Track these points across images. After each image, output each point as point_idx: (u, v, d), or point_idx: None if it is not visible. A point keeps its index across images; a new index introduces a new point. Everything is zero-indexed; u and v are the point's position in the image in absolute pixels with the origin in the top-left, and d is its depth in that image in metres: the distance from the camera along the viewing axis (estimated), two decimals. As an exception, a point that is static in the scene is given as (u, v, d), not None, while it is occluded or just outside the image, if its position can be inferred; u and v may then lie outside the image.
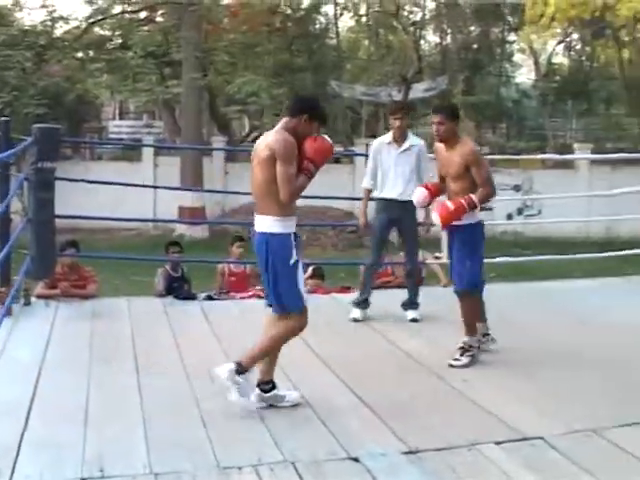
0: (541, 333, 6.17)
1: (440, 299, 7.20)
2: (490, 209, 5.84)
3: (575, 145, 25.45)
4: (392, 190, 6.62)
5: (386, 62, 24.32)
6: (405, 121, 6.63)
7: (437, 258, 8.72)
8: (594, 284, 8.69)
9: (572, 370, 5.33)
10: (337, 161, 23.19)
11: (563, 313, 6.98)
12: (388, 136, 6.70)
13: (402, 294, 6.99)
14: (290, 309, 4.47)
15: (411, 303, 6.88)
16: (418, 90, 27.14)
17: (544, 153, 32.57)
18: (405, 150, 6.61)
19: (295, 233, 4.41)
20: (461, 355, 5.39)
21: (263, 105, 22.91)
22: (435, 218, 5.36)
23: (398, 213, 6.63)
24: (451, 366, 5.29)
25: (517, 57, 39.67)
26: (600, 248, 12.00)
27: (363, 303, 6.81)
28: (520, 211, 21.18)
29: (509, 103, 37.29)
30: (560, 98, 35.36)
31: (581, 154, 22.64)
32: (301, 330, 4.57)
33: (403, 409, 4.58)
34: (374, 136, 25.46)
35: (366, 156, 7.12)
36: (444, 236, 8.33)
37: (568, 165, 22.81)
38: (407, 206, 6.42)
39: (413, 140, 6.70)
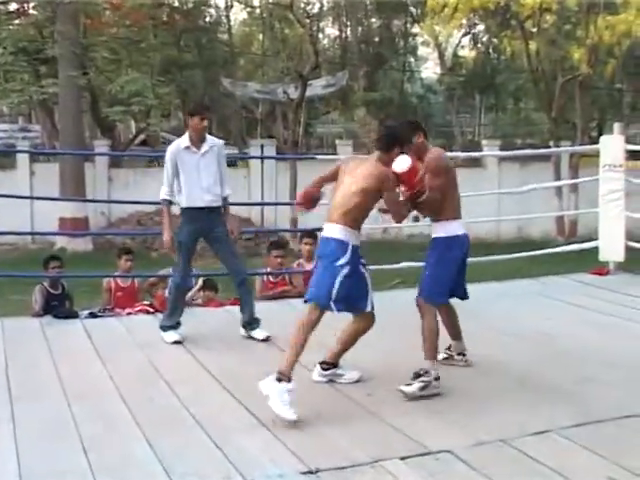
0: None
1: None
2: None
3: (483, 142, 26.09)
4: (199, 198, 6.39)
5: (282, 58, 24.37)
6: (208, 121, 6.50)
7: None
8: (505, 287, 8.92)
9: (482, 381, 5.46)
10: (231, 165, 23.16)
11: (473, 320, 7.08)
12: (185, 139, 6.44)
13: (300, 305, 6.97)
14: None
15: (253, 321, 6.67)
16: (316, 87, 27.32)
17: (451, 151, 33.17)
18: (206, 152, 6.42)
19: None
20: (413, 379, 5.12)
21: (149, 105, 22.64)
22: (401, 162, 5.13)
23: (207, 223, 6.45)
24: (401, 391, 5.08)
25: (422, 50, 40.43)
26: (511, 249, 12.31)
27: (177, 325, 6.55)
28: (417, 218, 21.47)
29: (414, 99, 37.85)
30: (467, 93, 36.22)
31: (489, 151, 23.22)
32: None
33: (303, 427, 4.59)
34: (271, 136, 25.65)
35: (262, 158, 7.06)
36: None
37: (476, 163, 23.35)
38: (216, 214, 6.44)
39: (211, 140, 6.53)
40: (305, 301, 5.20)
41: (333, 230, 5.11)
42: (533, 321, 7.15)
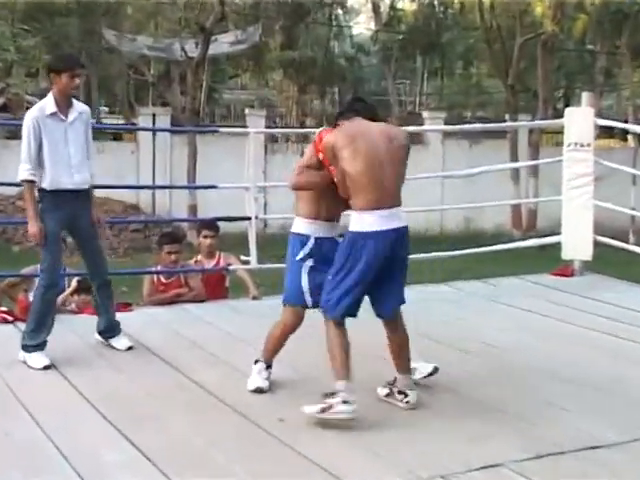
0: (380, 356, 6.29)
1: (250, 314, 7.26)
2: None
3: (425, 114, 26.30)
4: (67, 179, 6.23)
5: (179, 6, 24.15)
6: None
7: (245, 263, 8.77)
8: (447, 290, 9.00)
9: (417, 406, 5.46)
10: (116, 138, 22.92)
11: (408, 328, 7.15)
12: (50, 103, 6.19)
13: (197, 310, 6.97)
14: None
15: (113, 327, 6.68)
16: (222, 43, 27.20)
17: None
18: (75, 120, 6.27)
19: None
20: (324, 398, 5.12)
21: (9, 61, 22.21)
22: None
23: (73, 210, 6.33)
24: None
25: (352, 1, 40.42)
26: (457, 244, 12.43)
27: (43, 344, 6.29)
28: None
29: (342, 61, 37.89)
30: (407, 54, 36.29)
31: (432, 125, 23.40)
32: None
33: (196, 459, 4.57)
34: (165, 104, 25.47)
35: (154, 131, 6.96)
36: (252, 234, 8.46)
37: (416, 139, 23.52)
38: (84, 198, 6.36)
39: (79, 106, 6.36)
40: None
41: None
42: (480, 331, 7.24)
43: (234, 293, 9.12)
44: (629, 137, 27.79)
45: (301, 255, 5.62)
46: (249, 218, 8.60)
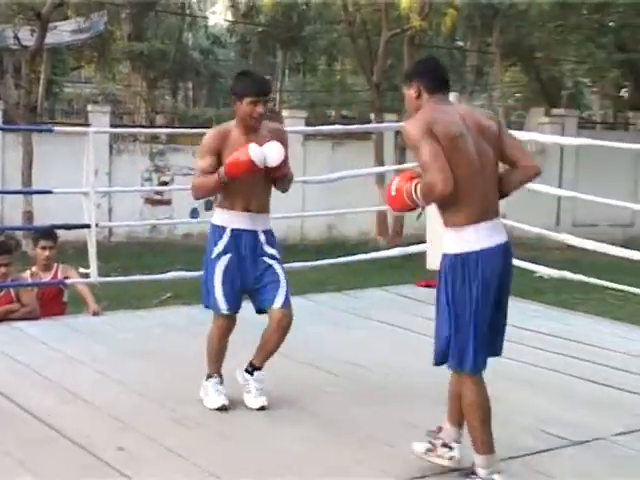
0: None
1: (89, 333, 7.13)
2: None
3: (285, 112, 26.32)
4: None
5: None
6: None
7: (84, 276, 8.61)
8: (305, 303, 8.95)
9: (273, 433, 5.42)
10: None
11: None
12: None
13: (30, 329, 6.79)
14: None
15: None
16: (63, 32, 26.79)
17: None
18: None
19: None
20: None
21: None
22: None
23: None
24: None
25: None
26: (319, 253, 12.48)
27: None
28: (210, 205, 21.49)
29: (196, 53, 37.79)
30: (266, 47, 36.39)
31: (291, 125, 23.39)
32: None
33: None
34: (-1, 98, 24.89)
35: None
36: (92, 244, 8.29)
37: (275, 140, 23.56)
38: None
39: None
40: None
41: None
42: (341, 348, 7.26)
43: (74, 308, 8.96)
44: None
45: (215, 252, 5.68)
46: (88, 226, 8.43)
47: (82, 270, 8.65)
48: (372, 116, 23.24)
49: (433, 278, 9.38)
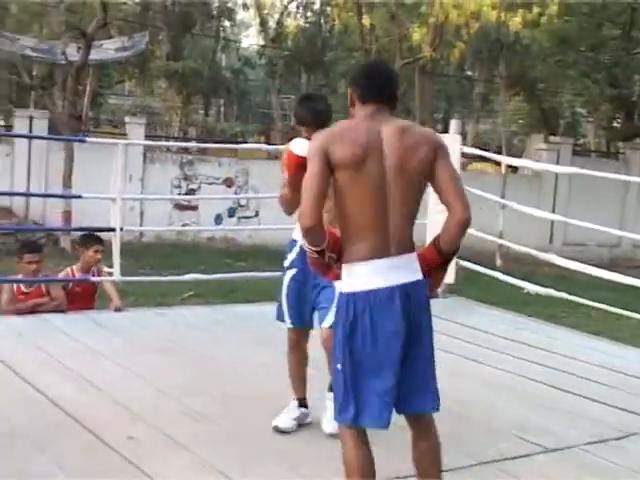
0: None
1: (110, 327, 7.16)
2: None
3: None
4: None
5: (61, 9, 23.63)
6: None
7: (109, 274, 8.63)
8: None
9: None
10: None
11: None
12: None
13: (57, 321, 6.78)
14: None
15: None
16: (108, 50, 26.81)
17: (268, 137, 33.30)
18: None
19: None
20: None
21: None
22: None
23: None
24: None
25: (242, 15, 40.30)
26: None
27: None
28: (232, 212, 21.52)
29: (228, 73, 37.82)
30: (291, 70, 36.39)
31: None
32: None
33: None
34: (46, 108, 25.03)
35: (29, 137, 6.72)
36: (116, 246, 8.28)
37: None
38: None
39: None
40: None
41: None
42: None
43: (101, 303, 8.94)
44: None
45: (286, 263, 5.30)
46: (113, 229, 8.41)
47: (106, 269, 8.66)
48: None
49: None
